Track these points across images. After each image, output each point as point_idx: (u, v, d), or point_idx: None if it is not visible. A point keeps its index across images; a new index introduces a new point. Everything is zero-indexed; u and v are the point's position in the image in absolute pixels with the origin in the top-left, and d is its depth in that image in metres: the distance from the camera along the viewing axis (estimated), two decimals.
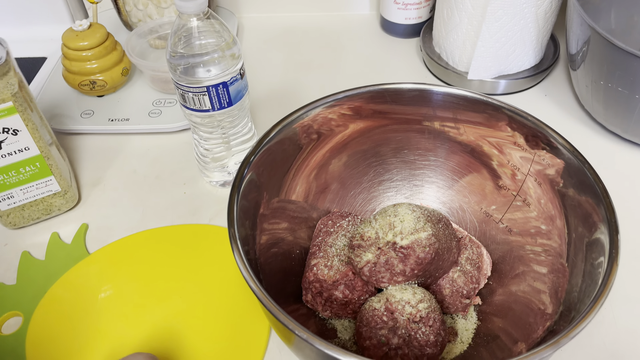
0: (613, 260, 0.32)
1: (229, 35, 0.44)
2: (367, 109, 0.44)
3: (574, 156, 0.38)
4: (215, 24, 0.44)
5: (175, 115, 0.60)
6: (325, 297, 0.40)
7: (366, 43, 0.73)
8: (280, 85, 0.67)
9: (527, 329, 0.39)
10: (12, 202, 0.48)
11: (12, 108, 0.43)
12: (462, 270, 0.41)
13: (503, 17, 0.56)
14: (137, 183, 0.55)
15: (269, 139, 0.40)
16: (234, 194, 0.37)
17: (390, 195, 0.49)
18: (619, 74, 0.49)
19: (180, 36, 0.44)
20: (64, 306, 0.44)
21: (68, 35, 0.59)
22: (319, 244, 0.43)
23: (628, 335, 0.42)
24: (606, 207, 0.35)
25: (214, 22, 0.44)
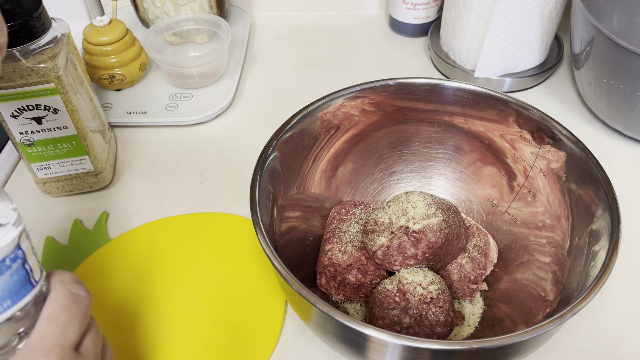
0: (615, 243, 0.34)
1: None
2: (384, 102, 0.46)
3: (577, 147, 0.40)
4: None
5: (191, 109, 0.62)
6: (338, 281, 0.42)
7: (375, 42, 0.75)
8: (292, 82, 0.69)
9: (528, 313, 0.41)
10: (48, 173, 0.52)
11: (54, 89, 0.46)
12: (469, 256, 0.43)
13: (510, 17, 0.58)
14: (155, 173, 0.57)
15: (289, 127, 0.42)
16: (255, 185, 0.38)
17: (401, 186, 0.51)
18: (621, 72, 0.51)
19: None
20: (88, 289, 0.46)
21: (89, 30, 0.61)
22: (333, 231, 0.45)
23: (628, 320, 0.44)
24: (607, 193, 0.37)
25: None
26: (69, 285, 0.29)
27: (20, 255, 0.26)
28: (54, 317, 0.28)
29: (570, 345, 0.43)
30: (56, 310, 0.28)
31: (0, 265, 0.25)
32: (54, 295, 0.28)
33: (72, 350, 0.28)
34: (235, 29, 0.73)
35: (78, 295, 0.29)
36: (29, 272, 0.27)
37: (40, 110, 0.47)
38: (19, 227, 0.26)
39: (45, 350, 0.27)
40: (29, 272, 0.27)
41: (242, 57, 0.69)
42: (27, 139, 0.49)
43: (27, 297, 0.27)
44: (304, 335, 0.43)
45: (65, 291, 0.29)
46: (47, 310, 0.28)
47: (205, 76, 0.64)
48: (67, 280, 0.30)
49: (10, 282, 0.26)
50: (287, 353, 0.42)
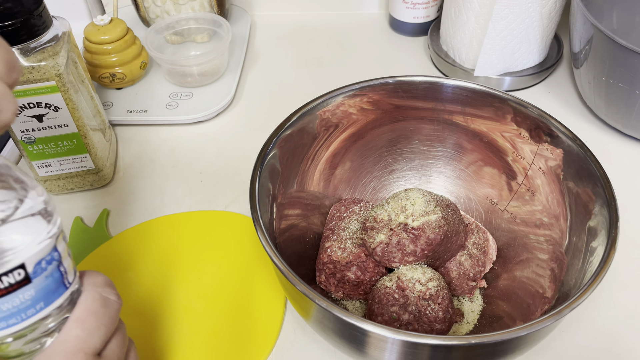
0: (613, 240, 0.34)
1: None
2: (382, 101, 0.46)
3: (575, 144, 0.40)
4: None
5: (192, 108, 0.62)
6: (338, 278, 0.42)
7: (375, 41, 0.75)
8: (292, 81, 0.69)
9: (527, 310, 0.41)
10: (49, 171, 0.52)
11: (55, 87, 0.46)
12: (469, 253, 0.43)
13: (509, 16, 0.58)
14: (155, 172, 0.58)
15: (289, 125, 0.42)
16: (255, 183, 0.39)
17: (400, 184, 0.51)
18: (621, 70, 0.51)
19: None
20: None
21: (90, 29, 0.61)
22: (333, 228, 0.45)
23: (626, 317, 0.44)
24: (605, 189, 0.37)
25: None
26: (100, 288, 0.29)
27: (56, 257, 0.26)
28: (82, 320, 0.27)
29: (569, 342, 0.43)
30: (84, 313, 0.28)
31: (36, 268, 0.25)
32: (84, 297, 0.28)
33: (94, 356, 0.28)
34: (235, 28, 0.74)
35: (108, 299, 0.29)
36: (64, 274, 0.27)
37: (41, 108, 0.47)
38: (56, 229, 0.26)
39: (68, 353, 0.26)
40: (64, 274, 0.27)
41: (243, 56, 0.70)
42: (28, 136, 0.49)
43: (60, 299, 0.27)
44: (303, 332, 0.44)
45: (96, 294, 0.28)
46: (76, 312, 0.28)
47: (206, 75, 0.64)
48: (99, 282, 0.29)
49: (45, 284, 0.26)
50: (286, 350, 0.43)
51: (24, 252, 0.24)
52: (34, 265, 0.25)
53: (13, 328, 0.25)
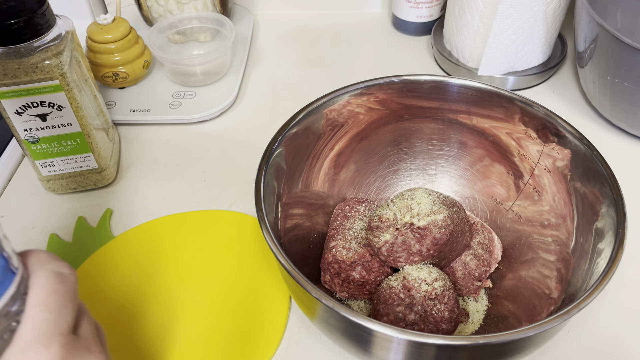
0: (620, 239, 0.34)
1: None
2: (389, 100, 0.46)
3: (582, 143, 0.40)
4: None
5: (195, 107, 0.62)
6: (342, 278, 0.42)
7: (378, 41, 0.75)
8: (295, 80, 0.69)
9: (532, 311, 0.41)
10: (52, 170, 0.52)
11: (58, 86, 0.46)
12: (474, 253, 0.43)
13: (513, 15, 0.58)
14: (158, 171, 0.58)
15: (294, 124, 0.42)
16: (260, 181, 0.38)
17: (405, 183, 0.50)
18: (626, 69, 0.51)
19: None
20: (91, 286, 0.46)
21: (93, 28, 0.61)
22: (337, 228, 0.45)
23: (632, 317, 0.44)
24: (613, 189, 0.36)
25: None
26: (50, 264, 0.26)
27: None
28: (44, 302, 0.25)
29: (575, 342, 0.43)
30: (44, 294, 0.25)
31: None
32: (37, 278, 0.25)
33: (71, 335, 0.25)
34: (238, 28, 0.73)
35: (62, 274, 0.26)
36: (8, 259, 0.24)
37: (45, 107, 0.47)
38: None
39: (44, 339, 0.24)
40: (8, 260, 0.24)
41: (245, 56, 0.69)
42: (31, 136, 0.49)
43: (11, 287, 0.24)
44: (308, 332, 0.43)
45: (48, 272, 0.26)
46: (34, 296, 0.25)
47: (209, 74, 0.64)
48: (44, 259, 0.26)
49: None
50: (291, 350, 0.42)
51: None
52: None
53: None
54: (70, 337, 0.25)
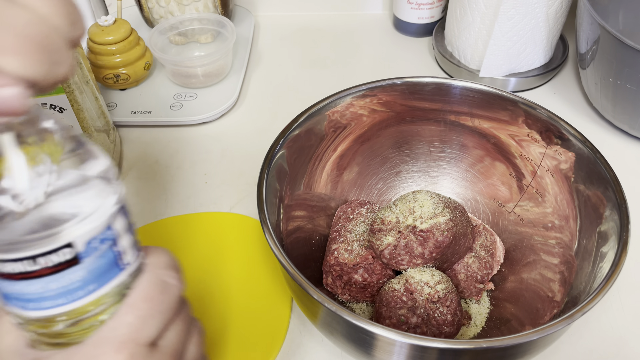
0: (624, 242, 0.34)
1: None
2: (392, 102, 0.46)
3: (585, 146, 0.40)
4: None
5: (196, 109, 0.62)
6: (344, 281, 0.42)
7: (379, 42, 0.75)
8: (296, 82, 0.68)
9: (535, 314, 0.41)
10: None
11: (60, 88, 0.46)
12: (476, 256, 0.43)
13: (515, 17, 0.58)
14: (160, 173, 0.57)
15: (297, 125, 0.42)
16: (262, 183, 0.38)
17: (407, 185, 0.50)
18: (628, 71, 0.51)
19: None
20: None
21: (94, 30, 0.61)
22: (339, 230, 0.45)
23: (635, 320, 0.44)
24: (616, 192, 0.36)
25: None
26: (161, 270, 0.26)
27: (110, 237, 0.23)
28: (136, 306, 0.24)
29: (577, 345, 0.42)
30: (139, 298, 0.24)
31: (87, 247, 0.22)
32: (142, 280, 0.25)
33: (146, 347, 0.24)
34: (239, 29, 0.73)
35: (167, 283, 0.25)
36: (119, 255, 0.24)
37: (46, 109, 0.47)
38: (112, 205, 0.23)
39: (117, 342, 0.23)
40: (119, 255, 0.24)
41: (247, 57, 0.69)
42: None
43: (113, 281, 0.24)
44: (309, 335, 0.43)
45: (154, 277, 0.25)
46: (131, 296, 0.24)
47: (210, 76, 0.64)
48: (161, 263, 0.26)
49: (96, 265, 0.23)
50: (292, 352, 0.42)
51: (74, 229, 0.22)
52: (84, 244, 0.22)
53: (60, 309, 0.23)
54: (143, 349, 0.24)
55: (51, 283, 0.22)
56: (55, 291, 0.23)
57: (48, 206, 0.21)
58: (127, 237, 0.24)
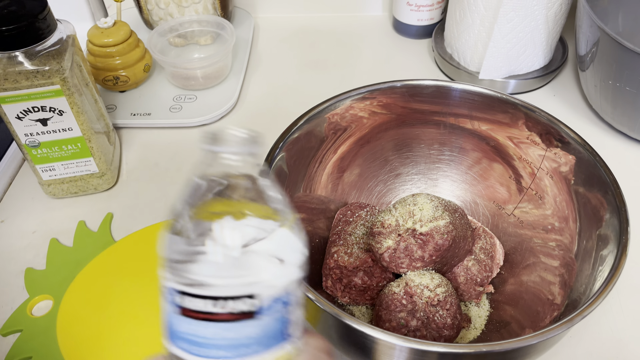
0: (623, 246, 0.34)
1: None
2: (392, 104, 0.46)
3: (585, 150, 0.40)
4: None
5: (195, 111, 0.62)
6: (344, 283, 0.42)
7: (379, 44, 0.75)
8: (296, 83, 0.68)
9: (535, 317, 0.41)
10: (53, 174, 0.52)
11: (59, 91, 0.46)
12: (476, 259, 0.43)
13: (515, 19, 0.58)
14: (159, 175, 0.57)
15: (297, 128, 0.42)
16: None
17: (407, 188, 0.50)
18: (628, 73, 0.51)
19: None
20: (93, 290, 0.46)
21: (93, 32, 0.61)
22: (339, 233, 0.45)
23: (634, 323, 0.44)
24: (616, 196, 0.36)
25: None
26: (323, 355, 0.25)
27: (288, 302, 0.23)
28: None
29: (577, 348, 0.42)
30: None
31: (269, 305, 0.22)
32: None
33: None
34: (239, 31, 0.73)
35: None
36: (289, 323, 0.23)
37: (46, 112, 0.47)
38: (301, 272, 0.23)
39: None
40: (288, 324, 0.23)
41: (246, 59, 0.69)
42: (32, 140, 0.49)
43: (276, 348, 0.23)
44: None
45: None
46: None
47: (210, 78, 0.64)
48: (322, 347, 0.25)
49: (269, 326, 0.22)
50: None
51: (261, 283, 0.22)
52: (268, 300, 0.22)
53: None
54: None
55: (225, 331, 0.22)
56: (225, 341, 0.22)
57: (247, 255, 0.22)
58: (299, 308, 0.24)
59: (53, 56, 0.45)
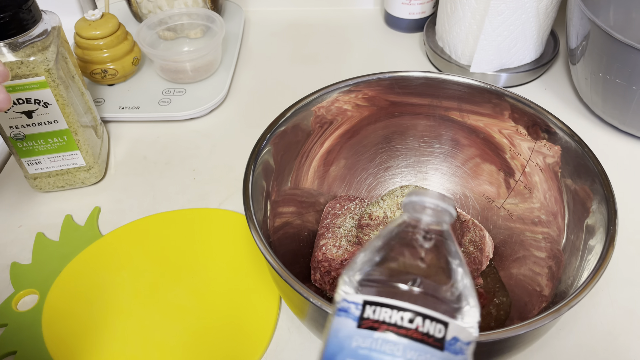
0: (611, 237, 0.34)
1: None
2: (378, 97, 0.46)
3: (573, 140, 0.40)
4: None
5: (185, 104, 0.61)
6: (333, 277, 0.42)
7: (370, 37, 0.75)
8: (287, 77, 0.68)
9: (524, 308, 0.41)
10: (39, 168, 0.51)
11: (44, 82, 0.45)
12: (465, 251, 0.43)
13: (505, 12, 0.58)
14: (148, 169, 0.57)
15: (283, 121, 0.41)
16: (248, 180, 0.38)
17: (396, 181, 0.50)
18: (618, 66, 0.51)
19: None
20: (79, 284, 0.46)
21: (81, 24, 0.60)
22: (327, 226, 0.44)
23: (624, 315, 0.44)
24: (604, 186, 0.36)
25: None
26: None
27: (466, 350, 0.23)
28: None
29: (567, 340, 0.42)
30: None
31: (454, 341, 0.22)
32: None
33: None
34: (229, 25, 0.73)
35: None
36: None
37: (31, 104, 0.47)
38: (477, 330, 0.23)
39: None
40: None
41: (237, 53, 0.69)
42: (17, 133, 0.48)
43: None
44: (298, 331, 0.43)
45: None
46: None
47: (199, 71, 0.64)
48: None
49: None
50: (280, 349, 0.42)
51: (458, 323, 0.22)
52: (455, 337, 0.22)
53: None
54: None
55: (410, 351, 0.22)
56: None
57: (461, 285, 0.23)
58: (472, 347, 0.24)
59: (38, 47, 0.45)
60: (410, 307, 0.22)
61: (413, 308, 0.22)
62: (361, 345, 0.22)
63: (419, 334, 0.22)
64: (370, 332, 0.22)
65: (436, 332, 0.22)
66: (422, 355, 0.22)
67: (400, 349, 0.21)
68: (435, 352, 0.22)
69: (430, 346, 0.22)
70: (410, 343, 0.21)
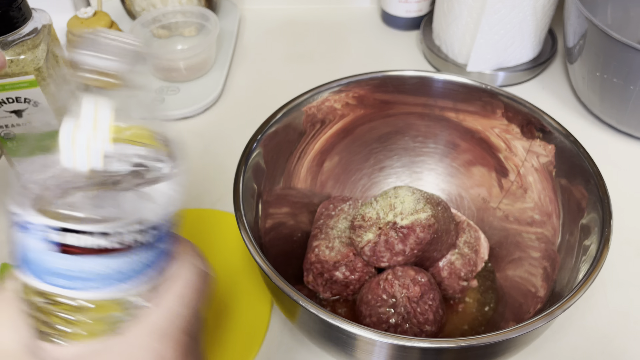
0: (606, 238, 0.33)
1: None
2: (371, 96, 0.45)
3: (567, 139, 0.39)
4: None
5: (178, 103, 0.61)
6: (326, 278, 0.41)
7: (367, 36, 0.74)
8: (282, 76, 0.67)
9: (519, 309, 0.40)
10: None
11: (34, 81, 0.44)
12: (460, 253, 0.42)
13: (502, 10, 0.57)
14: None
15: (274, 122, 0.41)
16: (239, 180, 0.37)
17: (391, 181, 0.50)
18: (615, 65, 0.50)
19: None
20: None
21: (73, 22, 0.60)
22: (321, 227, 0.44)
23: (619, 317, 0.43)
24: (599, 186, 0.36)
25: None
26: (196, 260, 0.25)
27: (161, 234, 0.23)
28: (185, 296, 0.23)
29: (562, 342, 0.42)
30: (187, 289, 0.23)
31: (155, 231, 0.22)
32: (183, 270, 0.23)
33: (196, 341, 0.23)
34: (224, 23, 0.72)
35: (207, 274, 0.24)
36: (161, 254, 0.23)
37: (21, 103, 0.46)
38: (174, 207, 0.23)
39: (174, 335, 0.22)
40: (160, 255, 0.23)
41: (231, 51, 0.68)
42: (7, 132, 0.48)
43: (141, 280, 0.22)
44: (290, 334, 0.42)
45: (195, 267, 0.24)
46: (176, 286, 0.23)
47: (193, 69, 0.63)
48: (193, 253, 0.25)
49: (145, 256, 0.22)
50: (272, 352, 0.41)
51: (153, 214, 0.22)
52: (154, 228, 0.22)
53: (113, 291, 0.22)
54: (194, 343, 0.23)
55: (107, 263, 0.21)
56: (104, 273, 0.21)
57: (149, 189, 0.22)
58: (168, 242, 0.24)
59: (27, 46, 0.44)
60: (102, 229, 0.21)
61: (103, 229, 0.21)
62: (62, 267, 0.21)
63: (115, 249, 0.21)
64: (66, 256, 0.21)
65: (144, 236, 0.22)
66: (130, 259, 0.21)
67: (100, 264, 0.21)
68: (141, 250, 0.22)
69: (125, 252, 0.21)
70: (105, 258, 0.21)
